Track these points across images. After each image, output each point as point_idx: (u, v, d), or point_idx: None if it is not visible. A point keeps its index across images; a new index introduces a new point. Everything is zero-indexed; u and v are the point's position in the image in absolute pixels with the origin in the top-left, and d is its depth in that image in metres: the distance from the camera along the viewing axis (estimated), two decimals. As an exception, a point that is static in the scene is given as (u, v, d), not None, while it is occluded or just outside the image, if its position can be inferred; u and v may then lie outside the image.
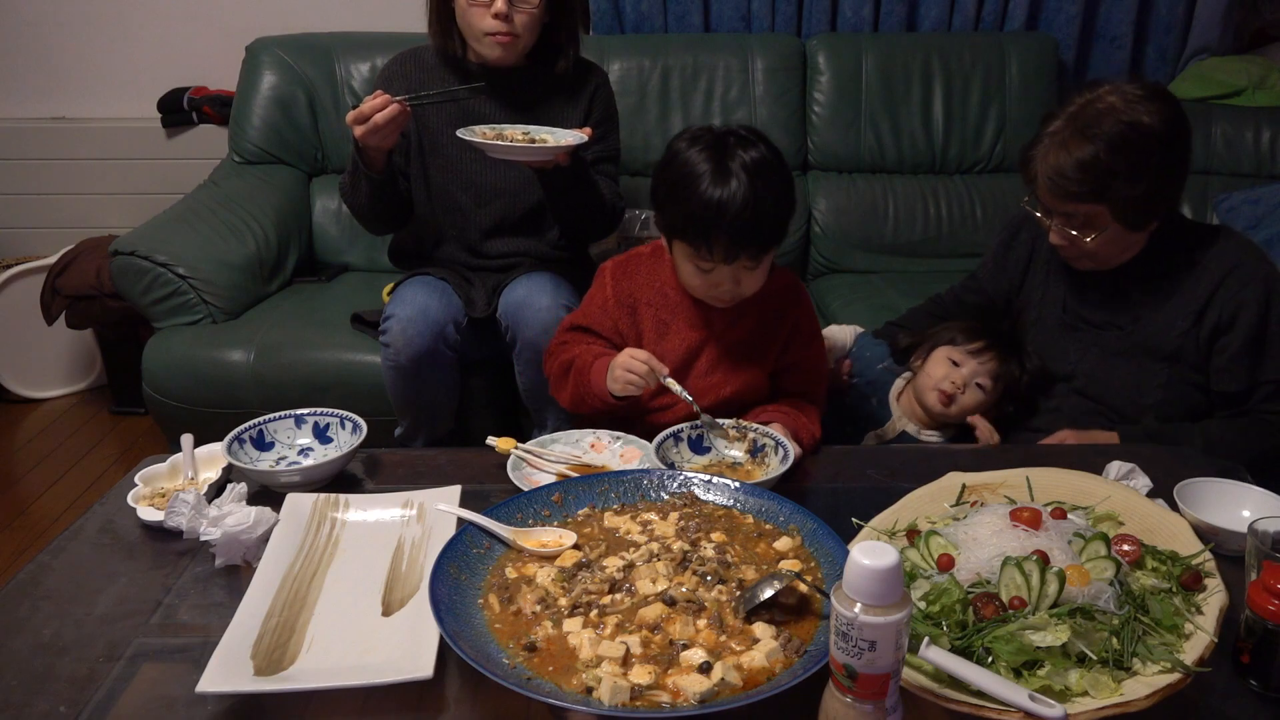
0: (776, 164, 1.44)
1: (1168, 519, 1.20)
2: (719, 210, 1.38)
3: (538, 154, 1.87)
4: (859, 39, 2.92)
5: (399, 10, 3.04)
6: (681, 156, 1.43)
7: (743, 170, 1.38)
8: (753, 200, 1.37)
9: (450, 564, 1.09)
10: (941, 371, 1.77)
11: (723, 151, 1.40)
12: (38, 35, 3.21)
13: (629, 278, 1.60)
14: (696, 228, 1.41)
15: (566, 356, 1.58)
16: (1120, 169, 1.50)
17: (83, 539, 1.26)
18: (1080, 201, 1.54)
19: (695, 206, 1.39)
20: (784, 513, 1.20)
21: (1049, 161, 1.54)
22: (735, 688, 0.93)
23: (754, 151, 1.41)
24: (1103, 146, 1.50)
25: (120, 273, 2.38)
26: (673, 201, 1.44)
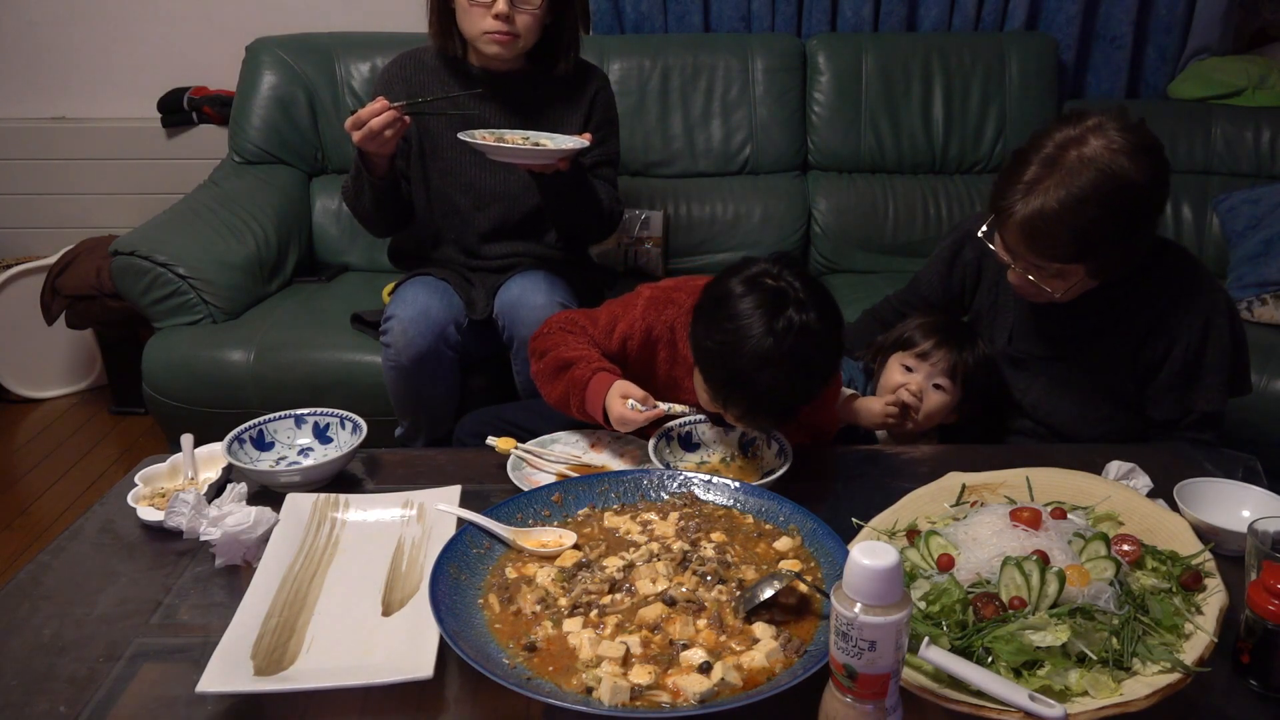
0: (822, 337, 1.29)
1: (1168, 519, 1.20)
2: (743, 380, 1.28)
3: (539, 156, 1.87)
4: (859, 39, 2.92)
5: (399, 10, 3.04)
6: (729, 302, 1.30)
7: (782, 341, 1.26)
8: (782, 382, 1.28)
9: (450, 564, 1.09)
10: (897, 378, 1.69)
11: (772, 312, 1.27)
12: (38, 35, 3.21)
13: (660, 316, 1.50)
14: (716, 383, 1.33)
15: (565, 355, 1.49)
16: (1108, 232, 1.41)
17: (83, 539, 1.26)
18: (1057, 260, 1.45)
19: (720, 363, 1.30)
20: (784, 513, 1.21)
21: (1030, 214, 1.41)
22: (735, 688, 0.93)
23: (804, 315, 1.27)
24: (1093, 208, 1.38)
25: (120, 273, 2.38)
26: (702, 341, 1.34)
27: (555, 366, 1.49)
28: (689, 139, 2.89)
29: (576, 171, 1.96)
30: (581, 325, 1.54)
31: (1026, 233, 1.43)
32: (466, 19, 1.99)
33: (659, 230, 2.79)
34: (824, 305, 1.31)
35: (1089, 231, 1.40)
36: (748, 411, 1.34)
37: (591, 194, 2.05)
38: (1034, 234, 1.43)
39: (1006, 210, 1.45)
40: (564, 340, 1.51)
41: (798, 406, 1.35)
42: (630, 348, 1.51)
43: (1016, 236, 1.46)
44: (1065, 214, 1.39)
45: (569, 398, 1.46)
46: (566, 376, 1.46)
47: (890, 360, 1.73)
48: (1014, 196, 1.44)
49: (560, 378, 1.48)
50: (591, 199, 2.06)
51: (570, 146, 1.88)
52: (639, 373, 1.49)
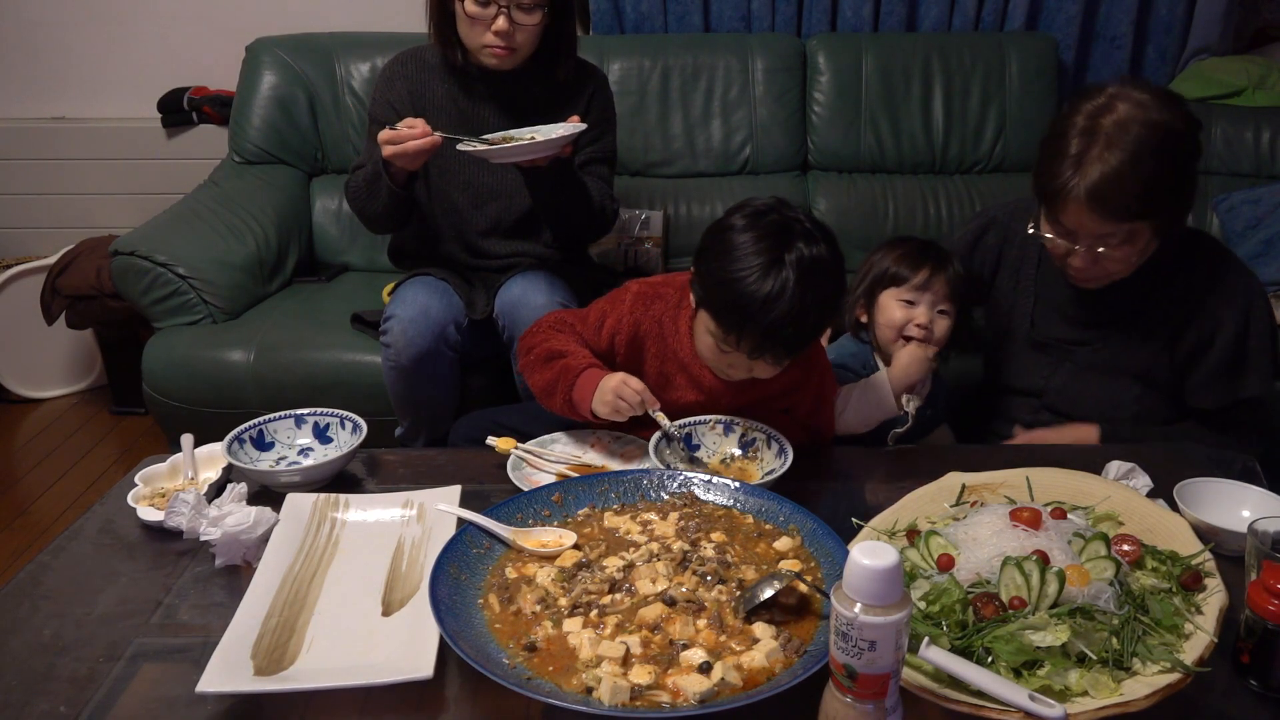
0: (832, 268, 1.31)
1: (1168, 519, 1.20)
2: (756, 310, 1.28)
3: (539, 149, 1.86)
4: (859, 39, 2.92)
5: (399, 10, 3.04)
6: (735, 235, 1.32)
7: (794, 271, 1.27)
8: (795, 311, 1.27)
9: (450, 564, 1.09)
10: (900, 315, 1.64)
11: (780, 244, 1.29)
12: (38, 35, 3.21)
13: (648, 311, 1.49)
14: (728, 317, 1.32)
15: (556, 346, 1.47)
16: (1166, 179, 1.43)
17: (83, 539, 1.26)
18: (1126, 220, 1.44)
19: (732, 296, 1.30)
20: (784, 513, 1.21)
21: (1092, 182, 1.41)
22: (735, 688, 0.93)
23: (814, 249, 1.29)
24: (1149, 159, 1.40)
25: (120, 273, 2.38)
26: (712, 278, 1.33)
27: (545, 356, 1.48)
28: (689, 139, 2.89)
29: (563, 166, 1.95)
30: (570, 324, 1.53)
31: (1094, 200, 1.42)
32: (467, 31, 1.98)
33: (659, 230, 2.79)
34: (829, 237, 1.34)
35: (1151, 183, 1.42)
36: (759, 345, 1.32)
37: (580, 189, 2.04)
38: (1101, 199, 1.42)
39: (1062, 189, 1.44)
40: (553, 336, 1.51)
41: (808, 340, 1.36)
42: (619, 343, 1.50)
43: (1081, 209, 1.44)
44: (1125, 170, 1.40)
45: (557, 386, 1.44)
46: (558, 365, 1.45)
47: (883, 298, 1.67)
48: (1065, 173, 1.44)
49: (550, 366, 1.46)
50: (580, 192, 2.04)
51: (564, 132, 1.87)
52: (629, 371, 1.48)
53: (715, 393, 1.47)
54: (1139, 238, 1.48)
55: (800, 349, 1.37)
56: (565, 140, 1.85)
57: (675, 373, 1.49)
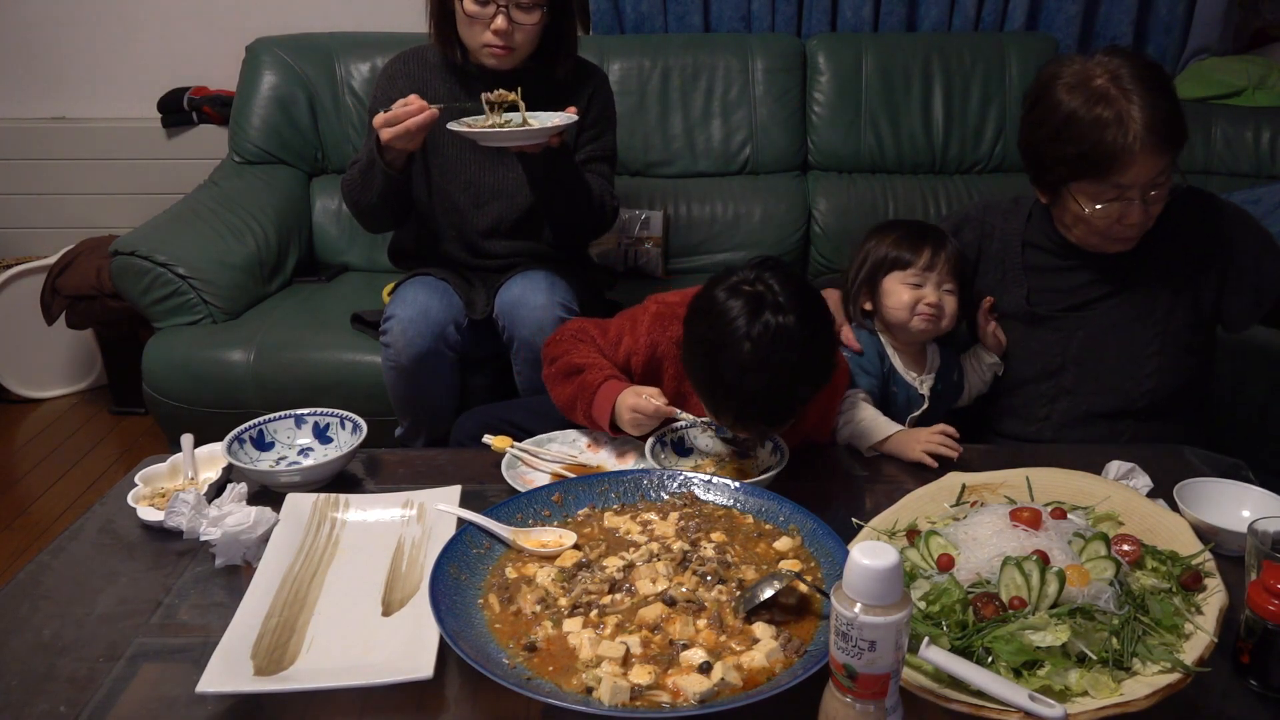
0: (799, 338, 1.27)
1: (1168, 519, 1.20)
2: (726, 394, 1.29)
3: (529, 136, 1.85)
4: (859, 39, 2.92)
5: (399, 10, 3.04)
6: (713, 311, 1.30)
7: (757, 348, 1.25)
8: (763, 388, 1.27)
9: (450, 564, 1.09)
10: (907, 297, 1.64)
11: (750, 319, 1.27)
12: (38, 35, 3.21)
13: (665, 332, 1.49)
14: (705, 398, 1.34)
15: (577, 360, 1.49)
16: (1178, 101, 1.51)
17: (83, 539, 1.26)
18: (1178, 146, 1.51)
19: (704, 380, 1.32)
20: (784, 513, 1.21)
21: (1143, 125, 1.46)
22: (735, 688, 0.93)
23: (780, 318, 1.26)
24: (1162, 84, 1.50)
25: (120, 273, 2.38)
26: (689, 356, 1.36)
27: (565, 370, 1.50)
28: (689, 139, 2.89)
29: (563, 153, 1.94)
30: (591, 335, 1.55)
31: (1154, 138, 1.47)
32: (466, 30, 1.99)
33: (659, 230, 2.79)
34: (805, 306, 1.29)
35: (1178, 106, 1.50)
36: (738, 418, 1.33)
37: (576, 179, 2.03)
38: (1161, 134, 1.47)
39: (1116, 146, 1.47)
40: (575, 348, 1.52)
41: (790, 410, 1.34)
42: (635, 364, 1.50)
43: (1145, 154, 1.47)
44: (1160, 101, 1.47)
45: (577, 401, 1.46)
46: (577, 380, 1.47)
47: (887, 283, 1.67)
48: (1111, 132, 1.47)
49: (570, 381, 1.48)
50: (577, 185, 2.04)
51: (559, 122, 1.86)
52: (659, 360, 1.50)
53: None
54: (1169, 173, 1.53)
55: (784, 419, 1.34)
56: (553, 131, 1.85)
57: (691, 392, 1.47)
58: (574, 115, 1.88)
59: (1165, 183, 1.52)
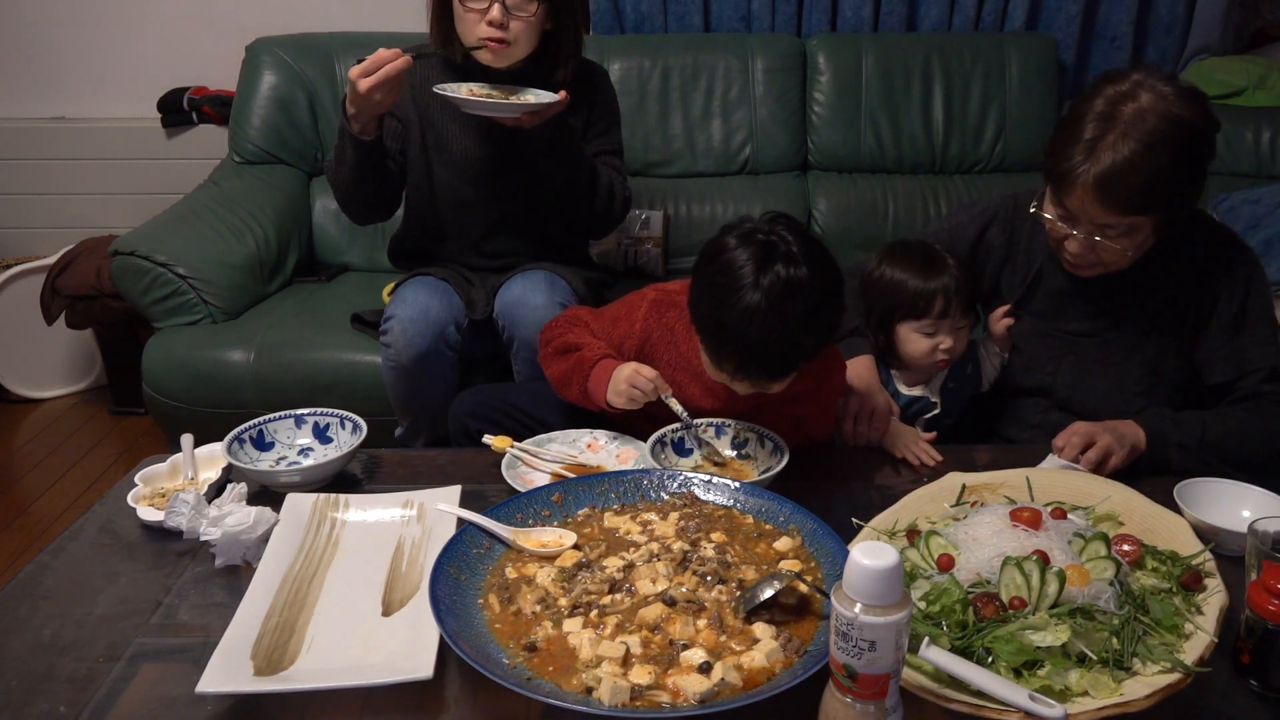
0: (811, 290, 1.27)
1: (1168, 519, 1.20)
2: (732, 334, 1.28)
3: (507, 110, 1.85)
4: (859, 39, 2.92)
5: (399, 10, 3.04)
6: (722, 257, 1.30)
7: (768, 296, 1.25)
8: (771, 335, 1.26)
9: (450, 564, 1.09)
10: (924, 347, 1.65)
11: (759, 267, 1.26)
12: (38, 35, 3.21)
13: (661, 319, 1.50)
14: (709, 340, 1.33)
15: (573, 340, 1.50)
16: (1175, 175, 1.41)
17: (83, 539, 1.26)
18: (1130, 213, 1.43)
19: (711, 321, 1.30)
20: (784, 513, 1.21)
21: (1102, 170, 1.40)
22: (735, 688, 0.93)
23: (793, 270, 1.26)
24: (1163, 154, 1.39)
25: (120, 273, 2.38)
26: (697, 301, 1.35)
27: (561, 348, 1.51)
28: (689, 139, 2.89)
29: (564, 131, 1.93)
30: (587, 321, 1.56)
31: (1100, 188, 1.41)
32: (462, 25, 1.98)
33: (659, 230, 2.79)
34: (818, 261, 1.29)
35: (1161, 179, 1.40)
36: (739, 367, 1.32)
37: (584, 163, 2.01)
38: (1108, 188, 1.41)
39: (1071, 172, 1.43)
40: (570, 330, 1.54)
41: (792, 365, 1.32)
42: (627, 348, 1.50)
43: (1087, 195, 1.43)
44: (1137, 163, 1.39)
45: (572, 376, 1.47)
46: (573, 357, 1.48)
47: (902, 331, 1.67)
48: (1077, 157, 1.42)
49: (566, 357, 1.49)
50: (585, 169, 2.02)
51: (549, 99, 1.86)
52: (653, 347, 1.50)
53: (728, 399, 1.46)
54: (1139, 232, 1.47)
55: (786, 372, 1.34)
56: (534, 106, 1.84)
57: (688, 381, 1.48)
58: (559, 98, 1.87)
59: (1120, 237, 1.47)
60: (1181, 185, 1.43)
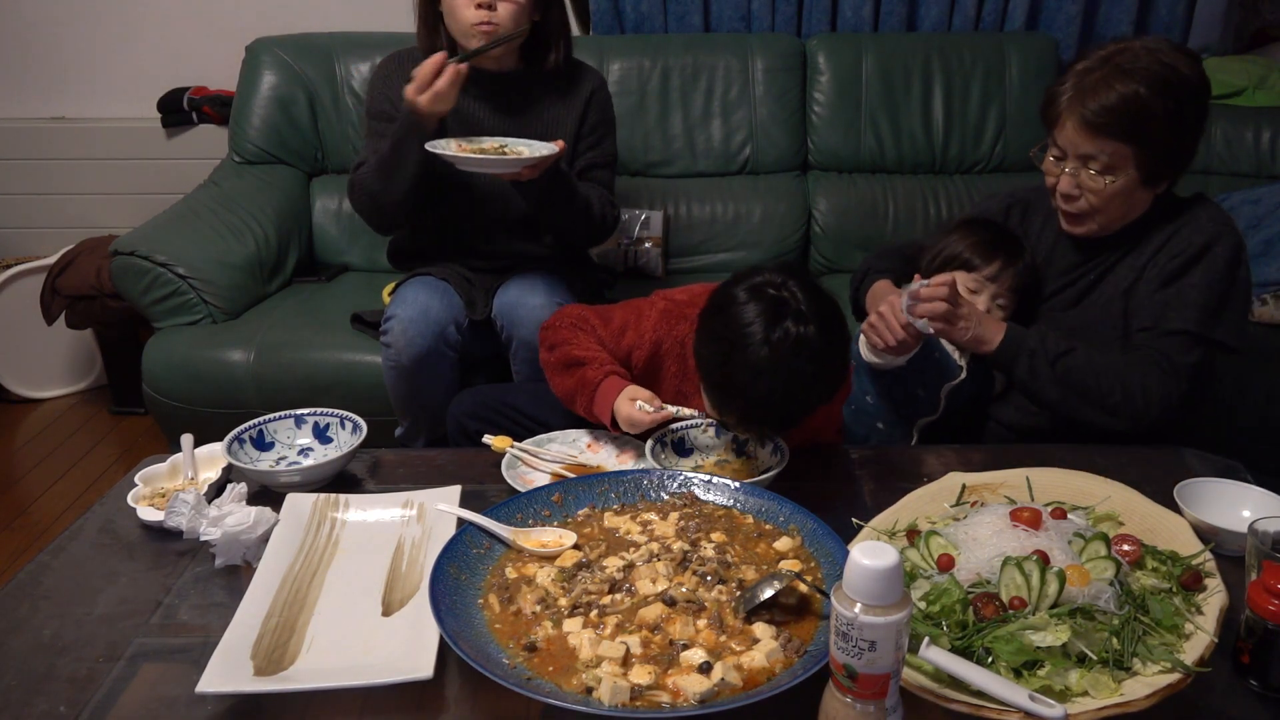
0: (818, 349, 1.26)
1: (1168, 519, 1.20)
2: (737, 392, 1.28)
3: (503, 166, 1.86)
4: (859, 39, 2.92)
5: (399, 10, 3.03)
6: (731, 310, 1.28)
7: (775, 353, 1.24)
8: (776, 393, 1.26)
9: (450, 564, 1.09)
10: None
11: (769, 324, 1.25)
12: (38, 35, 3.21)
13: (671, 331, 1.49)
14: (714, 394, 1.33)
15: (577, 353, 1.48)
16: (1158, 111, 1.48)
17: (83, 539, 1.26)
18: (1111, 138, 1.50)
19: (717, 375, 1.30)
20: (784, 513, 1.21)
21: (1084, 96, 1.50)
22: (735, 688, 0.93)
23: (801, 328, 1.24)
24: (1144, 84, 1.48)
25: (120, 273, 2.38)
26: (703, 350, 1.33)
27: (565, 361, 1.49)
28: (689, 139, 2.89)
29: (556, 178, 1.95)
30: (593, 325, 1.53)
31: (1080, 106, 1.50)
32: (452, 16, 1.98)
33: (659, 230, 2.79)
34: (826, 318, 1.28)
35: (1138, 104, 1.48)
36: (743, 419, 1.33)
37: (575, 198, 2.03)
38: (1086, 107, 1.50)
39: (1057, 99, 1.53)
40: (575, 337, 1.51)
41: (796, 419, 1.33)
42: (636, 358, 1.50)
43: (1070, 118, 1.52)
44: (1117, 85, 1.49)
45: (577, 396, 1.46)
46: (577, 374, 1.46)
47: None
48: (1067, 85, 1.53)
49: (571, 374, 1.48)
50: (578, 205, 2.04)
51: (544, 153, 1.87)
52: (645, 384, 1.47)
53: None
54: (1121, 167, 1.52)
55: (789, 426, 1.35)
56: (523, 163, 1.85)
57: (694, 393, 1.47)
58: (556, 148, 1.88)
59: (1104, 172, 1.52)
60: (1161, 123, 1.49)
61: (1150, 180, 1.55)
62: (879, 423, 1.78)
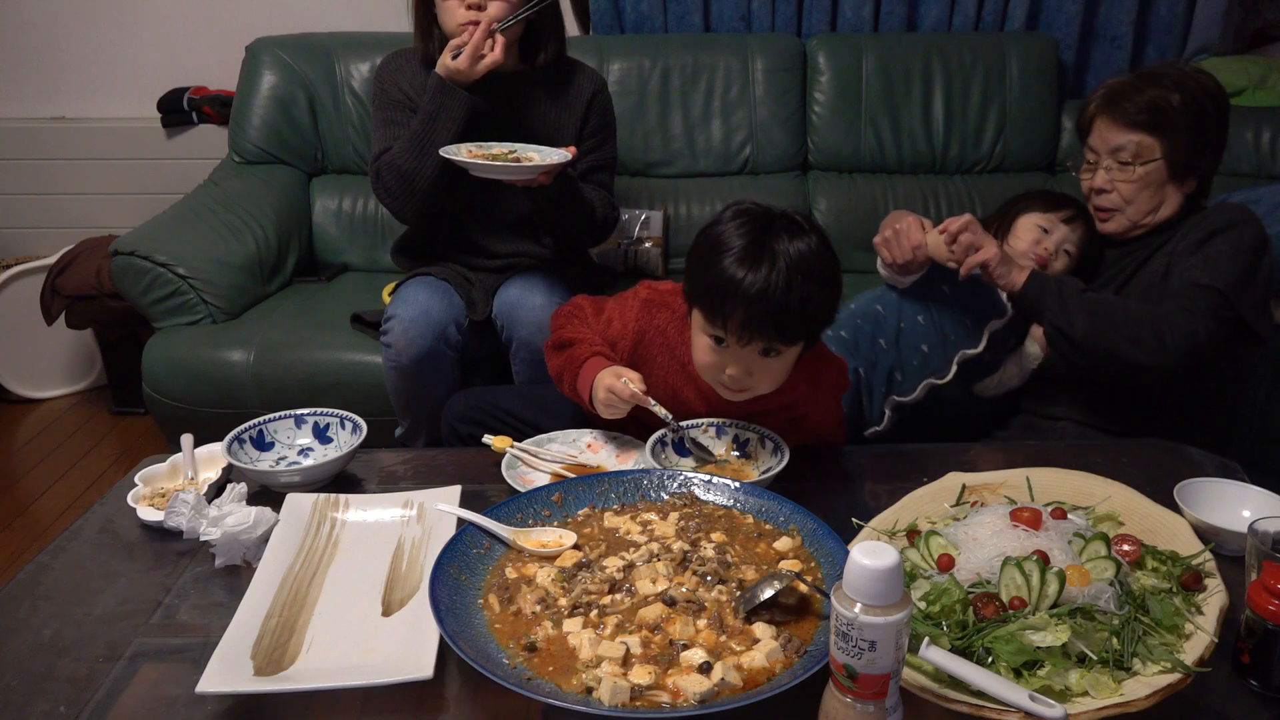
0: (822, 260, 1.29)
1: (1168, 519, 1.20)
2: (739, 284, 1.25)
3: (518, 173, 1.88)
4: (859, 39, 2.92)
5: (399, 10, 3.02)
6: (721, 227, 1.32)
7: (779, 254, 1.26)
8: (780, 286, 1.24)
9: (450, 564, 1.09)
10: (1031, 237, 1.81)
11: (764, 231, 1.28)
12: (38, 35, 3.21)
13: (652, 320, 1.49)
14: (713, 299, 1.29)
15: (569, 334, 1.50)
16: (1179, 108, 1.64)
17: (83, 539, 1.26)
18: (1138, 130, 1.65)
19: (716, 276, 1.27)
20: (784, 513, 1.21)
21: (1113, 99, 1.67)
22: (735, 688, 0.93)
23: (800, 242, 1.27)
24: (1168, 87, 1.65)
25: (120, 273, 2.38)
26: (698, 268, 1.32)
27: (558, 343, 1.52)
28: (689, 139, 2.89)
29: (564, 183, 1.96)
30: (586, 315, 1.55)
31: (1107, 102, 1.68)
32: (444, 15, 2.00)
33: (659, 230, 2.79)
34: (808, 220, 1.33)
35: (1163, 100, 1.64)
36: (745, 322, 1.26)
37: (581, 205, 2.04)
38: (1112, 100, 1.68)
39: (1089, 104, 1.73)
40: (569, 323, 1.54)
41: (796, 317, 1.27)
42: (621, 349, 1.49)
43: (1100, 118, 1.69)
44: (1143, 86, 1.67)
45: (564, 373, 1.48)
46: (566, 353, 1.48)
47: (1022, 220, 1.84)
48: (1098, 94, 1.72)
49: (560, 353, 1.50)
50: (582, 207, 2.05)
51: (554, 161, 1.89)
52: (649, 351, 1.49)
53: (722, 404, 1.43)
54: (1147, 154, 1.66)
55: (795, 334, 1.30)
56: (540, 169, 1.87)
57: (683, 384, 1.47)
58: (571, 154, 1.90)
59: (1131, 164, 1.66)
60: (1184, 117, 1.64)
61: (1176, 174, 1.66)
62: (924, 345, 1.76)
